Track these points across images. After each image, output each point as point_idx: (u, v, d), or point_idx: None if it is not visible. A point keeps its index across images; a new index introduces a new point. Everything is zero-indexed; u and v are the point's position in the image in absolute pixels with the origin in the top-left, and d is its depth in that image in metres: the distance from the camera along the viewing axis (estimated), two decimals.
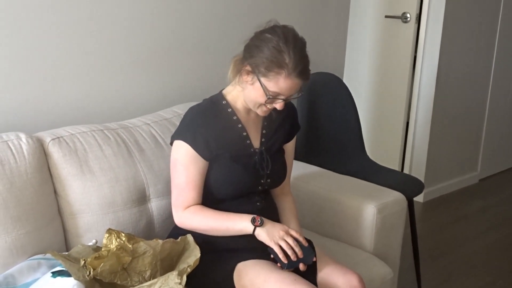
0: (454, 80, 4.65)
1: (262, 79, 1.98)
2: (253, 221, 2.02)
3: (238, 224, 2.04)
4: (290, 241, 2.00)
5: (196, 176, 2.07)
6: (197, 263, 1.93)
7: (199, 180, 2.08)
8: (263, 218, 2.03)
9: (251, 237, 2.03)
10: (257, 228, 2.01)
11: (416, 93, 4.57)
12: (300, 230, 2.21)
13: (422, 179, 4.47)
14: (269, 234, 2.01)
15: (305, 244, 2.03)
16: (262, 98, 2.00)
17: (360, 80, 4.71)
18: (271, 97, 1.99)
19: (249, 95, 2.05)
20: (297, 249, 2.00)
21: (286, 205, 2.27)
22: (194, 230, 2.09)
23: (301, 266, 2.02)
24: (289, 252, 1.99)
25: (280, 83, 1.96)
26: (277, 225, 2.04)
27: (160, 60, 2.81)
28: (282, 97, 2.00)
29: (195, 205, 2.09)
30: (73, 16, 2.46)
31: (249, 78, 2.02)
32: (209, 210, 2.08)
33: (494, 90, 5.08)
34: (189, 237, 2.04)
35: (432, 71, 4.47)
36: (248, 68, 2.01)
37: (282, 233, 2.01)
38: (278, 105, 2.03)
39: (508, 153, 5.51)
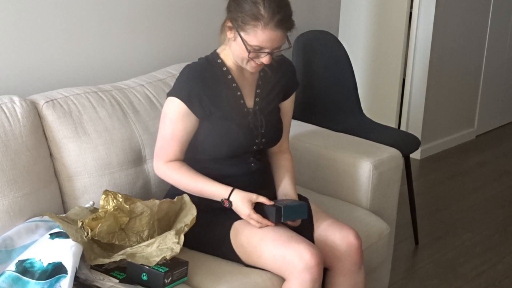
0: (451, 36, 4.61)
1: (242, 34, 1.97)
2: (222, 202, 2.05)
3: (212, 197, 2.07)
4: (254, 222, 2.01)
5: (182, 132, 2.08)
6: (194, 221, 1.94)
7: (184, 137, 2.09)
8: (230, 201, 2.03)
9: None
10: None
11: (412, 49, 4.54)
12: (294, 187, 2.22)
13: (419, 136, 4.47)
14: (239, 213, 2.05)
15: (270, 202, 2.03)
16: (245, 53, 1.99)
17: (355, 37, 4.67)
18: (251, 51, 1.97)
19: (234, 51, 2.04)
20: (264, 221, 2.00)
21: (282, 163, 2.26)
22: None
23: (292, 223, 2.05)
24: (263, 223, 2.01)
25: (259, 36, 1.95)
26: (239, 209, 2.03)
27: (153, 21, 2.78)
28: (266, 50, 1.98)
29: (177, 162, 2.11)
30: None
31: (231, 34, 2.01)
32: (188, 172, 2.09)
33: (490, 46, 5.04)
34: (186, 197, 2.06)
35: (428, 27, 4.43)
36: (229, 24, 2.00)
37: (245, 216, 2.02)
38: (264, 59, 2.01)
39: (504, 109, 5.50)
